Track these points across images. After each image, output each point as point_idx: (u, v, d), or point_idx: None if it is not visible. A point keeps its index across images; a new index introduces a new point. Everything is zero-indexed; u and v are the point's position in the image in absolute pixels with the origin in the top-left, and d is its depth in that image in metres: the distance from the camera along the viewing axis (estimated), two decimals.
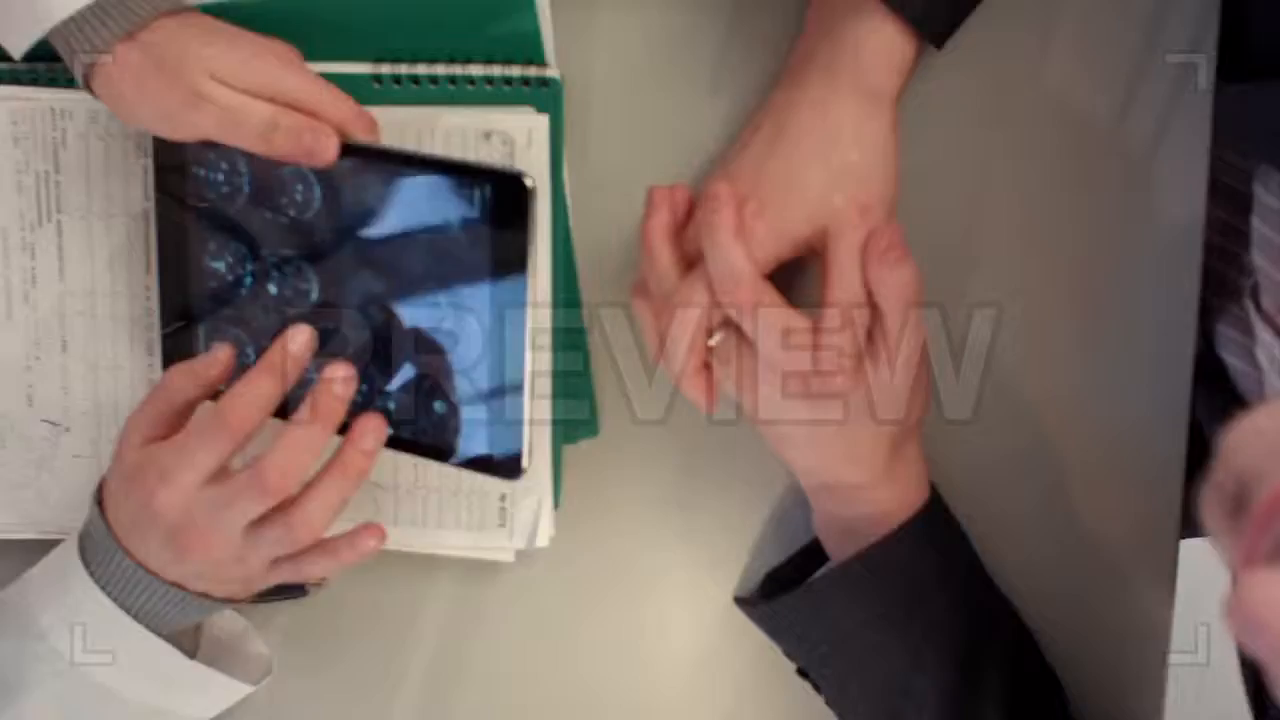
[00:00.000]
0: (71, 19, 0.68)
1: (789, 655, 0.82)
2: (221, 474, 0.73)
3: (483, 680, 0.87)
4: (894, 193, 0.71)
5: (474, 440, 0.75)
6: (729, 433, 0.82)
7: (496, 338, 0.74)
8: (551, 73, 0.76)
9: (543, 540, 0.82)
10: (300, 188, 0.74)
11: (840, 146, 0.70)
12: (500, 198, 0.71)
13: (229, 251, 0.77)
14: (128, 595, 0.76)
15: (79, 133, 0.79)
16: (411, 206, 0.73)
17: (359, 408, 0.75)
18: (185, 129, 0.70)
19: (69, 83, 0.77)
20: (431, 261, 0.73)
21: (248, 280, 0.77)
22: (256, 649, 0.87)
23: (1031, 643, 0.80)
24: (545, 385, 0.78)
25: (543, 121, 0.76)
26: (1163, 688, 0.83)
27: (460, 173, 0.71)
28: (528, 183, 0.70)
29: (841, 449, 0.73)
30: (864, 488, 0.74)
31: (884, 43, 0.70)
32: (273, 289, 0.77)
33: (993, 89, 0.76)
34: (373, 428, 0.74)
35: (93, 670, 0.77)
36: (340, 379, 0.73)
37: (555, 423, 0.80)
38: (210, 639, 0.84)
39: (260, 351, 0.74)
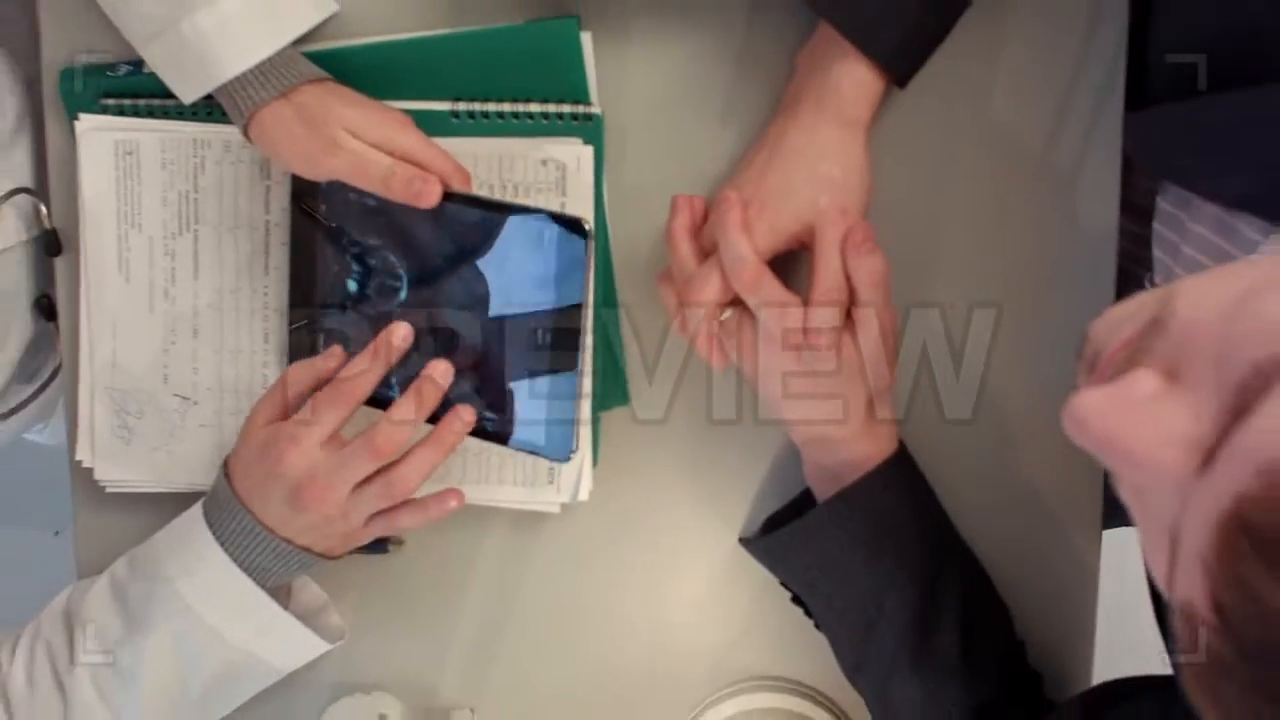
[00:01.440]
0: (236, 78, 0.87)
1: (784, 584, 0.99)
2: (336, 440, 0.91)
3: (532, 612, 1.05)
4: (867, 199, 0.90)
5: (532, 431, 0.94)
6: (730, 411, 1.00)
7: (557, 351, 0.92)
8: (594, 110, 0.95)
9: (583, 495, 1.00)
10: (403, 221, 0.93)
11: (824, 162, 0.88)
12: (568, 233, 0.90)
13: (346, 267, 0.95)
14: (242, 550, 0.93)
15: (215, 160, 0.98)
16: (498, 236, 0.91)
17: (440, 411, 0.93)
18: (322, 170, 0.89)
19: (208, 117, 0.96)
20: (505, 284, 0.92)
21: (358, 289, 0.96)
22: (333, 620, 1.04)
23: (983, 574, 0.97)
24: (589, 381, 0.96)
25: (588, 150, 0.95)
26: (1093, 613, 0.99)
27: (541, 216, 0.90)
28: (587, 227, 0.89)
29: (826, 407, 0.90)
30: (844, 440, 0.92)
31: (858, 82, 0.88)
32: (377, 297, 0.95)
33: (945, 119, 0.94)
34: (465, 415, 0.92)
35: (204, 613, 0.94)
36: (440, 372, 0.92)
37: (593, 394, 0.98)
38: (297, 607, 1.01)
39: (363, 345, 0.93)
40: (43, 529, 2.43)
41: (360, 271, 0.95)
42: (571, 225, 0.90)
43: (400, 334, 0.93)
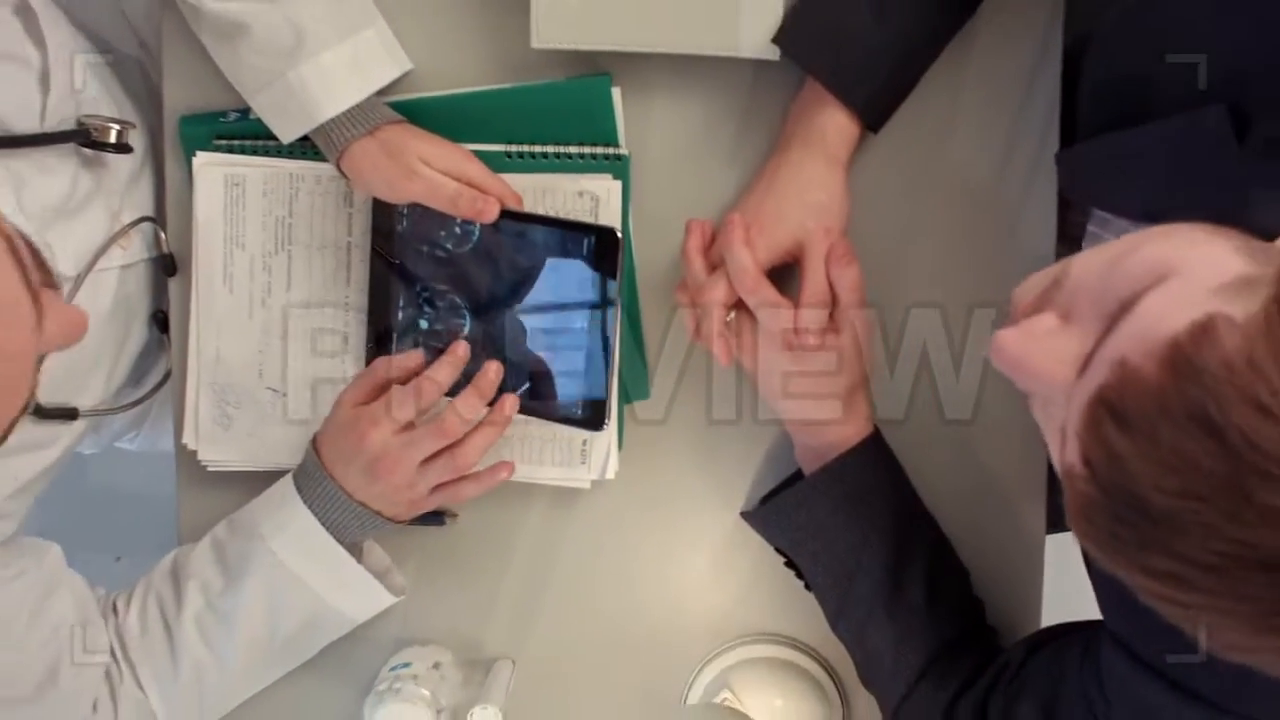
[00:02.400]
0: (331, 120, 1.08)
1: (778, 549, 1.18)
2: (409, 425, 1.10)
3: (565, 575, 1.23)
4: (845, 221, 1.09)
5: (573, 407, 1.13)
6: (734, 399, 1.19)
7: (594, 340, 1.12)
8: (622, 151, 1.15)
9: (610, 474, 1.19)
10: (467, 235, 1.13)
11: (811, 192, 1.08)
12: (602, 243, 1.10)
13: (418, 307, 1.16)
14: (326, 511, 1.13)
15: (307, 191, 1.18)
16: (542, 248, 1.12)
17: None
18: (402, 194, 1.09)
19: (302, 155, 1.16)
20: (551, 285, 1.12)
21: (428, 325, 1.15)
22: (396, 579, 1.23)
23: (945, 540, 1.15)
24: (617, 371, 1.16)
25: (617, 184, 1.15)
26: (1040, 579, 1.18)
27: (574, 228, 1.11)
28: (619, 234, 1.09)
29: (808, 397, 1.10)
30: (828, 424, 1.11)
31: (839, 127, 1.08)
32: (445, 331, 1.15)
33: (911, 158, 1.14)
34: (512, 401, 1.12)
35: (292, 565, 1.14)
36: (494, 370, 1.11)
37: (620, 389, 1.17)
38: (366, 567, 1.19)
39: (434, 354, 1.13)
40: (104, 553, 2.58)
41: (430, 311, 1.15)
42: (607, 233, 1.10)
43: (462, 350, 1.13)
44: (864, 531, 1.10)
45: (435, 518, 1.21)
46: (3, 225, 0.72)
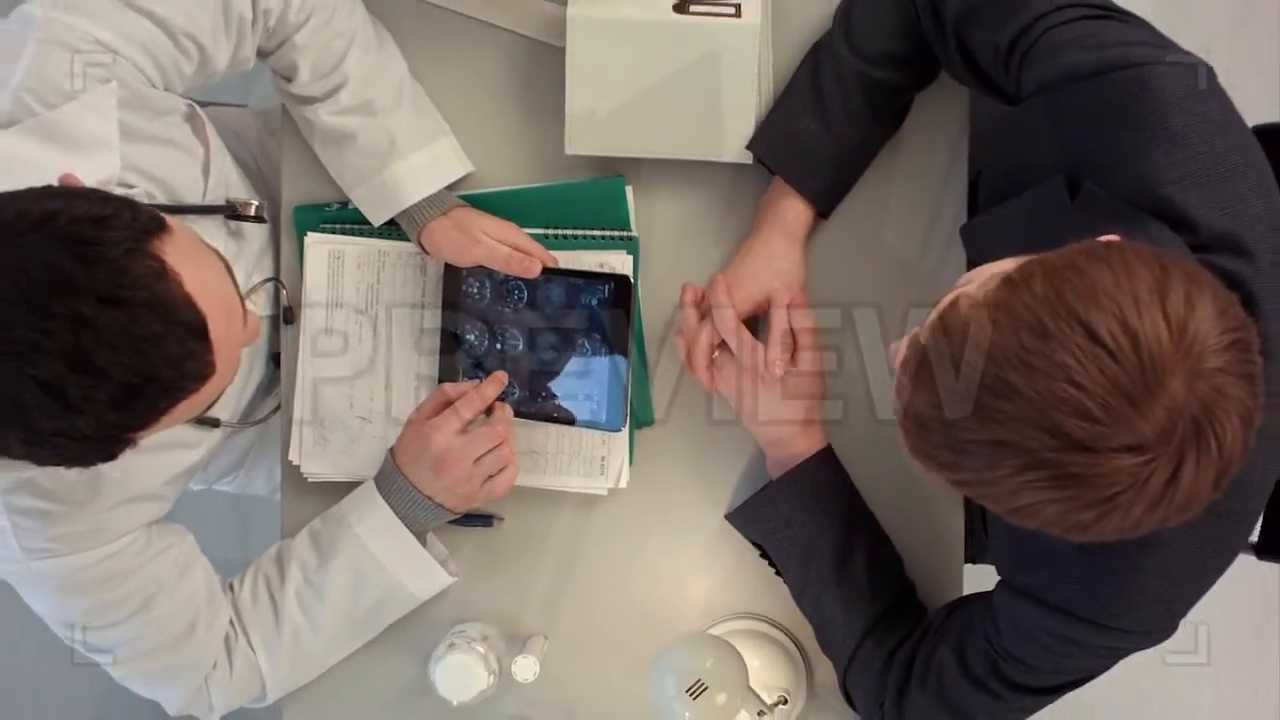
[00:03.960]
0: (415, 204, 1.44)
1: (754, 543, 1.49)
2: (465, 429, 1.43)
3: (588, 565, 1.56)
4: (803, 283, 1.44)
5: (595, 414, 1.48)
6: (723, 432, 1.52)
7: (613, 369, 1.47)
8: (633, 233, 1.51)
9: (623, 483, 1.52)
10: (515, 287, 1.49)
11: (777, 261, 1.43)
12: (618, 289, 1.45)
13: (477, 326, 1.50)
14: (400, 504, 1.46)
15: (391, 263, 1.53)
16: (572, 292, 1.47)
17: (539, 407, 1.49)
18: (468, 258, 1.45)
19: (388, 236, 1.51)
20: (579, 321, 1.47)
21: (483, 340, 1.50)
22: (452, 566, 1.54)
23: (883, 532, 1.47)
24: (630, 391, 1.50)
25: (629, 259, 1.50)
26: (959, 564, 1.49)
27: (596, 277, 1.46)
28: (632, 280, 1.45)
29: (774, 419, 1.43)
30: (790, 440, 1.44)
31: (797, 213, 1.43)
32: (495, 343, 1.50)
33: (853, 234, 1.49)
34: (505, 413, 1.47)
35: (372, 547, 1.47)
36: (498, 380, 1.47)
37: (631, 415, 1.50)
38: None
39: (485, 373, 1.48)
40: None
41: (486, 345, 1.50)
42: (622, 281, 1.45)
43: (502, 377, 1.47)
44: (819, 523, 1.42)
45: (485, 521, 1.54)
46: (219, 252, 1.07)
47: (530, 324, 1.49)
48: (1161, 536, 1.07)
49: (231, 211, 1.41)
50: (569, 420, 1.49)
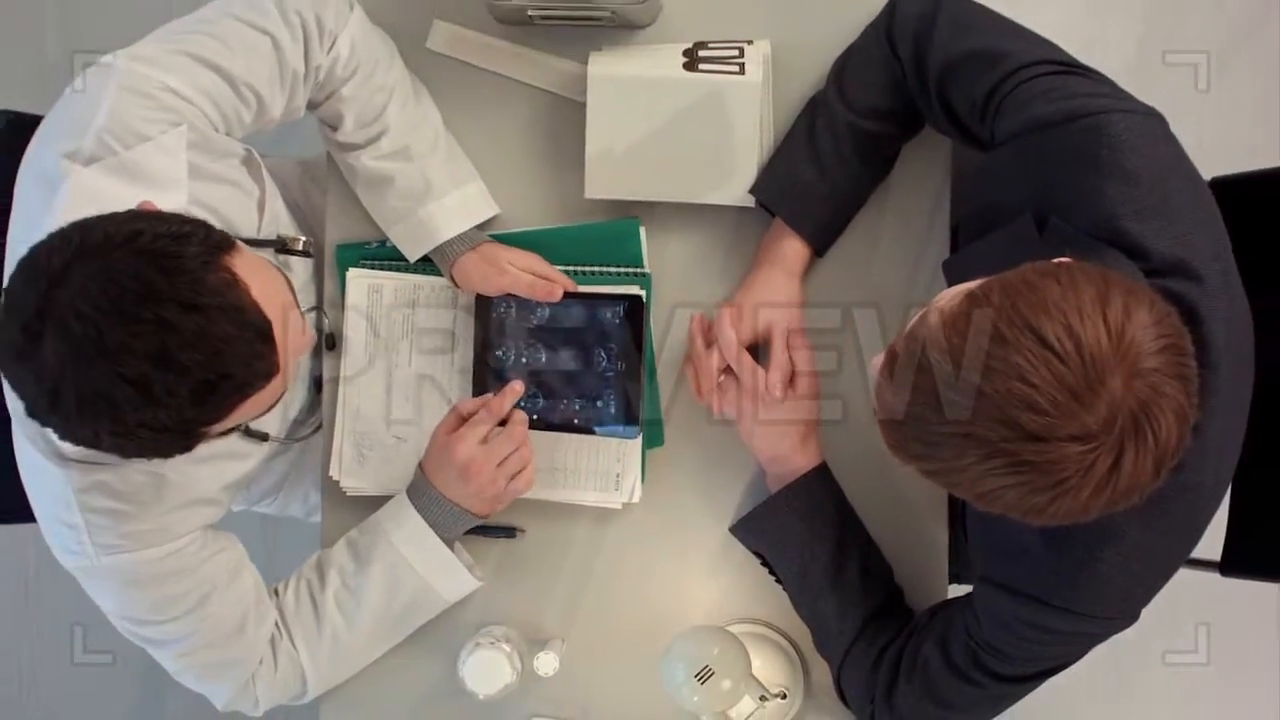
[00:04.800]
0: (447, 241, 1.59)
1: (755, 553, 1.63)
2: (486, 440, 1.57)
3: (603, 574, 1.69)
4: (801, 314, 1.58)
5: (611, 424, 1.62)
6: (727, 452, 1.66)
7: (629, 380, 1.61)
8: (646, 270, 1.65)
9: (636, 498, 1.66)
10: (539, 310, 1.63)
11: (776, 294, 1.57)
12: (631, 306, 1.59)
13: (503, 345, 1.65)
14: (430, 512, 1.59)
15: (424, 297, 1.67)
16: (590, 311, 1.61)
17: (561, 415, 1.63)
18: (495, 287, 1.59)
19: (422, 271, 1.66)
20: (596, 337, 1.61)
21: (509, 356, 1.64)
22: (478, 572, 1.67)
23: (873, 541, 1.60)
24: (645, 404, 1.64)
25: (642, 293, 1.64)
26: (943, 571, 1.63)
27: (614, 298, 1.60)
28: (644, 298, 1.59)
29: (776, 437, 1.57)
30: (788, 457, 1.58)
31: (795, 251, 1.58)
32: (520, 358, 1.64)
33: (846, 270, 1.63)
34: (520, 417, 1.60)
35: (405, 553, 1.60)
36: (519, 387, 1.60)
37: (644, 436, 1.64)
38: None
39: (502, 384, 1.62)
40: None
41: (512, 361, 1.64)
42: (636, 300, 1.60)
43: (518, 386, 1.61)
44: (814, 533, 1.56)
45: (508, 532, 1.67)
46: (274, 264, 1.21)
47: (552, 342, 1.63)
48: (1119, 529, 1.22)
49: (281, 246, 1.55)
50: (588, 429, 1.63)
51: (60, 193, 1.33)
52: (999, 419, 1.05)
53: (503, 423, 1.59)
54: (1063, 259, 1.14)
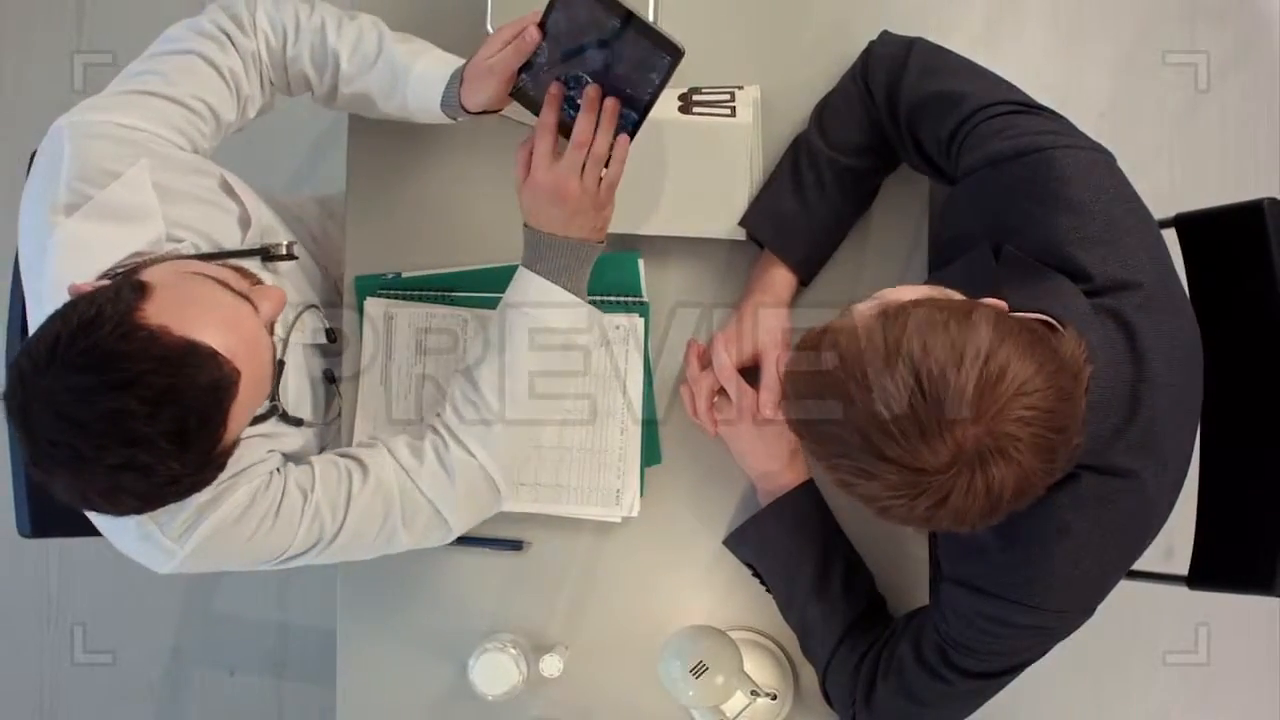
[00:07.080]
0: (443, 100, 1.62)
1: (747, 564, 1.73)
2: (557, 153, 1.51)
3: (604, 584, 1.79)
4: (788, 339, 1.69)
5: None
6: (720, 471, 1.76)
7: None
8: (644, 299, 1.77)
9: (635, 512, 1.76)
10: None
11: (766, 321, 1.68)
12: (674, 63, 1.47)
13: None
14: (547, 261, 1.56)
15: (435, 324, 1.79)
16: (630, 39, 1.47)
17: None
18: (495, 80, 1.53)
19: (434, 301, 1.77)
20: (629, 67, 1.49)
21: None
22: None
23: (857, 553, 1.70)
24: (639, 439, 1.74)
25: (640, 321, 1.75)
26: (923, 580, 1.73)
27: (655, 38, 1.45)
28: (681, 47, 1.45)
29: (766, 455, 1.68)
30: (778, 474, 1.68)
31: (783, 280, 1.69)
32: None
33: (831, 297, 1.74)
34: (610, 108, 1.50)
35: (533, 311, 1.56)
36: (594, 91, 1.50)
37: (642, 456, 1.75)
38: None
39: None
40: (219, 669, 3.00)
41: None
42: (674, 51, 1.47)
43: (557, 90, 1.52)
44: (801, 545, 1.66)
45: (515, 545, 1.78)
46: (203, 269, 1.32)
47: (589, 67, 1.52)
48: (1069, 527, 1.33)
49: (265, 254, 1.58)
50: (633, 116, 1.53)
51: (49, 249, 1.43)
52: (857, 428, 1.19)
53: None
54: (997, 302, 1.26)
